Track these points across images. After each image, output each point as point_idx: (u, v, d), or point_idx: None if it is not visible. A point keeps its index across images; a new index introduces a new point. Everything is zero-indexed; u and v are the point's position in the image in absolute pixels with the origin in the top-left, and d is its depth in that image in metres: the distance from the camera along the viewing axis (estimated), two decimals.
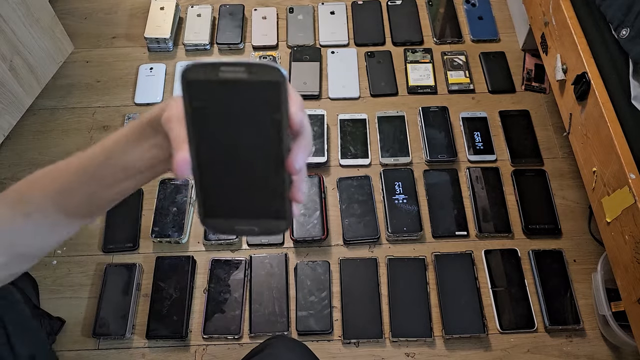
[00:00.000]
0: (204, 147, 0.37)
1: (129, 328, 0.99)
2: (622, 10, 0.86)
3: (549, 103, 1.25)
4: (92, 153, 0.45)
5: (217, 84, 0.35)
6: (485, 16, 1.39)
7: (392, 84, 1.29)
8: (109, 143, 0.44)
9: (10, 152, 1.20)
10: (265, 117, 0.36)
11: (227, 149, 0.37)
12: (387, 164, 1.17)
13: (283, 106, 0.36)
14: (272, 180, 0.38)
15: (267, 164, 0.38)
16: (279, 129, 0.36)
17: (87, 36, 1.39)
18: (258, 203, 0.39)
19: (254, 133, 0.37)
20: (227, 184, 0.39)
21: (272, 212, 0.39)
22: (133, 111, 1.26)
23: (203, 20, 1.38)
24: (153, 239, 1.08)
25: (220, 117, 0.36)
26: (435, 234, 1.09)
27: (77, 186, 0.46)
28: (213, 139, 0.37)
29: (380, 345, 0.98)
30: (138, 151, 0.43)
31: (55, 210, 0.47)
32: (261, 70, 0.35)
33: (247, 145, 0.37)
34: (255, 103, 0.36)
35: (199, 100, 0.36)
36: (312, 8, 1.41)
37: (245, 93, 0.36)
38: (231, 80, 0.35)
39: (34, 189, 0.47)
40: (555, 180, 1.15)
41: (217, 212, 0.40)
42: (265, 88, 0.35)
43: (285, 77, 0.35)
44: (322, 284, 1.03)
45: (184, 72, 0.35)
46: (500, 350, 0.98)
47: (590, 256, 1.06)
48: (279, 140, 0.37)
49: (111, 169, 0.44)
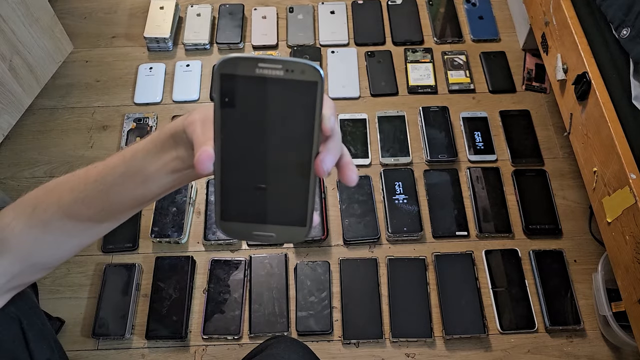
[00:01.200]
0: (230, 145, 0.36)
1: (129, 328, 0.99)
2: (622, 10, 0.86)
3: (550, 103, 1.25)
4: (111, 163, 0.44)
5: (252, 80, 0.34)
6: (485, 16, 1.39)
7: (393, 83, 1.29)
8: (129, 154, 0.43)
9: (10, 151, 1.20)
10: (298, 118, 0.35)
11: (254, 148, 0.36)
12: (387, 164, 1.17)
13: (318, 108, 0.34)
14: (298, 183, 0.37)
15: (295, 167, 0.36)
16: (311, 131, 0.35)
17: (86, 36, 1.38)
18: (280, 208, 0.38)
19: (284, 133, 0.35)
20: (249, 186, 0.37)
21: (294, 219, 0.38)
22: (132, 111, 1.25)
23: (203, 20, 1.38)
24: (152, 239, 1.07)
25: (252, 114, 0.35)
26: (435, 234, 1.09)
27: (96, 195, 0.45)
28: (241, 136, 0.36)
29: (380, 345, 0.98)
30: (158, 163, 0.42)
31: (72, 220, 0.46)
32: (299, 68, 0.33)
33: (275, 145, 0.36)
34: (289, 102, 0.34)
35: (232, 95, 0.34)
36: (312, 7, 1.41)
37: (280, 92, 0.34)
38: (268, 78, 0.34)
39: (51, 197, 0.46)
40: (555, 180, 1.15)
41: (236, 215, 0.38)
42: (301, 88, 0.34)
43: (322, 78, 0.34)
44: (322, 284, 1.03)
45: (220, 65, 0.34)
46: (500, 351, 0.98)
47: (591, 256, 1.06)
48: (310, 143, 0.35)
49: (131, 180, 0.43)
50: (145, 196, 0.45)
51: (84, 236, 0.49)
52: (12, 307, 0.54)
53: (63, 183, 0.47)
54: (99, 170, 0.45)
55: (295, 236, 0.39)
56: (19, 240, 0.47)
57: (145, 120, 1.23)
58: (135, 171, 0.43)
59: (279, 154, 0.36)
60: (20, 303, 0.56)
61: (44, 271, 0.52)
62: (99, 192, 0.45)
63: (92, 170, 0.45)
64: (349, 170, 0.38)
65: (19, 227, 0.47)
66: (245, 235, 0.39)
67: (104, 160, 0.45)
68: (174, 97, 1.27)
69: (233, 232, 0.39)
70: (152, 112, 1.25)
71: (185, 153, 0.41)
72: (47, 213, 0.46)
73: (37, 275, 0.52)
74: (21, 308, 0.57)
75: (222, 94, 0.34)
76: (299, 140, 0.35)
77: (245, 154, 0.36)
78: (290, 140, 0.35)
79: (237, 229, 0.39)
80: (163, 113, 1.25)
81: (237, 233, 0.39)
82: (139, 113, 1.24)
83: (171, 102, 1.27)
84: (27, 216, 0.47)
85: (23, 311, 0.57)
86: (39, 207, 0.46)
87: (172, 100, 1.27)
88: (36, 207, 0.46)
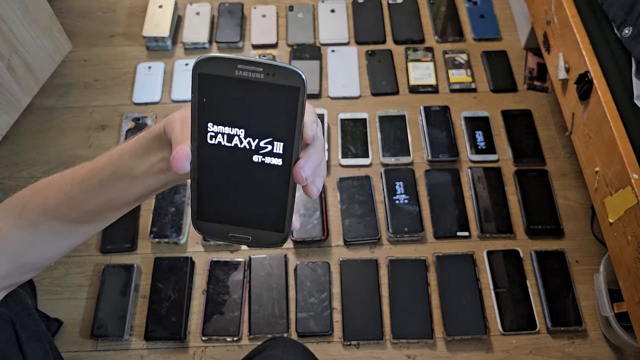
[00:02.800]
0: (206, 145, 0.35)
1: (127, 329, 0.98)
2: (624, 9, 0.85)
3: (551, 102, 1.24)
4: (99, 164, 0.44)
5: (231, 81, 0.33)
6: (486, 15, 1.38)
7: (393, 83, 1.28)
8: (116, 155, 0.43)
9: (8, 151, 1.19)
10: (277, 123, 0.34)
11: (231, 150, 0.35)
12: (388, 163, 1.16)
13: (299, 114, 0.34)
14: (276, 189, 0.36)
15: (273, 172, 0.35)
16: (291, 137, 0.34)
17: (85, 35, 1.38)
18: (257, 212, 0.37)
19: (263, 137, 0.35)
20: (226, 188, 0.37)
21: (270, 224, 0.38)
22: (131, 110, 1.25)
23: (202, 19, 1.37)
24: (151, 239, 1.07)
25: (229, 116, 0.34)
26: (436, 234, 1.08)
27: (84, 197, 0.45)
28: (218, 137, 0.35)
29: (380, 346, 0.98)
30: (145, 164, 0.42)
31: (60, 221, 0.46)
32: (281, 73, 0.33)
33: (254, 149, 0.35)
34: (269, 107, 0.34)
35: (209, 95, 0.34)
36: (312, 6, 1.40)
37: (260, 96, 0.33)
38: (247, 80, 0.33)
39: (39, 198, 0.46)
40: (557, 180, 1.14)
41: (211, 215, 0.38)
42: (283, 92, 0.33)
43: (305, 84, 0.33)
44: (322, 285, 1.02)
45: (197, 64, 0.33)
46: (501, 352, 0.97)
47: (593, 257, 1.06)
48: (290, 149, 0.35)
49: (118, 181, 0.43)
50: (132, 197, 0.45)
51: (73, 237, 0.48)
52: (4, 308, 0.54)
53: (50, 184, 0.46)
54: (87, 171, 0.44)
55: (272, 241, 0.38)
56: (6, 242, 0.47)
57: (144, 119, 1.22)
58: (123, 173, 0.43)
59: (257, 157, 0.35)
60: (12, 304, 0.56)
61: (34, 271, 0.51)
62: (85, 193, 0.44)
63: (79, 171, 0.45)
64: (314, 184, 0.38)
65: (6, 228, 0.46)
66: (220, 236, 0.39)
67: (92, 161, 0.45)
68: (172, 97, 1.27)
69: (209, 232, 0.39)
70: (151, 111, 1.24)
71: (170, 154, 0.41)
72: (34, 214, 0.46)
73: (27, 275, 0.51)
74: (13, 309, 0.56)
75: (200, 94, 0.34)
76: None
77: (223, 156, 0.35)
78: (269, 144, 0.35)
79: (212, 230, 0.38)
80: (162, 112, 1.25)
81: (212, 233, 0.39)
82: (137, 112, 1.24)
83: (170, 101, 1.27)
84: (15, 217, 0.46)
85: (15, 312, 0.57)
86: (27, 208, 0.46)
87: (171, 99, 1.27)
88: (24, 208, 0.46)
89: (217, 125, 0.35)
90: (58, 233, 0.47)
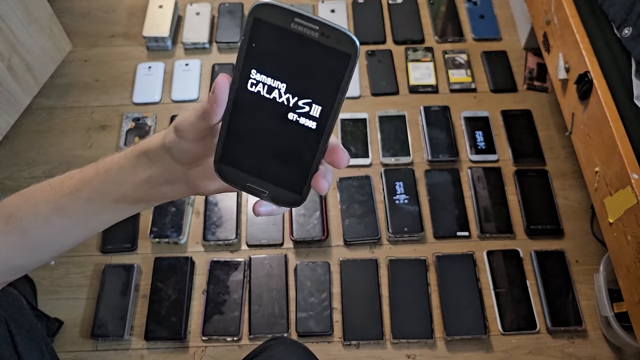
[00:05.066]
0: (245, 91, 0.35)
1: (127, 329, 0.98)
2: (624, 10, 0.85)
3: (551, 102, 1.24)
4: (86, 176, 0.44)
5: (284, 33, 0.32)
6: (486, 15, 1.39)
7: (393, 83, 1.28)
8: (103, 169, 0.43)
9: (8, 152, 1.19)
10: (321, 86, 0.33)
11: (269, 102, 0.35)
12: (387, 163, 1.16)
13: (344, 81, 0.33)
14: (303, 151, 0.35)
15: (305, 133, 0.35)
16: (331, 102, 0.34)
17: (85, 35, 1.38)
18: (280, 169, 0.37)
19: (304, 96, 0.34)
20: (254, 138, 0.36)
21: (290, 183, 0.37)
22: (131, 110, 1.25)
23: (202, 19, 1.37)
24: (151, 239, 1.07)
25: (275, 68, 0.34)
26: (436, 234, 1.08)
27: (72, 208, 0.44)
28: (258, 87, 0.34)
29: (380, 346, 0.98)
30: (132, 181, 0.42)
31: (49, 229, 0.45)
32: (335, 36, 0.32)
33: (291, 106, 0.35)
34: (316, 67, 0.33)
35: (260, 42, 0.33)
36: (312, 6, 1.40)
37: (310, 54, 0.33)
38: (300, 35, 0.32)
39: (28, 206, 0.45)
40: (557, 180, 1.14)
41: (234, 161, 0.37)
42: (332, 56, 0.32)
43: (358, 52, 0.32)
44: (322, 285, 1.02)
45: (254, 8, 0.33)
46: (501, 352, 0.97)
47: (593, 257, 1.06)
48: (326, 114, 0.34)
49: (106, 195, 0.43)
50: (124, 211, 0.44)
51: (64, 243, 0.48)
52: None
53: (40, 192, 0.46)
54: (74, 182, 0.44)
55: (288, 200, 0.38)
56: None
57: (144, 119, 1.22)
58: (110, 188, 0.42)
59: (293, 115, 0.35)
60: (6, 305, 0.56)
61: (24, 272, 0.51)
62: (74, 204, 0.44)
63: (67, 182, 0.44)
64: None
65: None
66: (238, 184, 0.38)
67: (80, 170, 0.44)
68: (172, 97, 1.27)
69: (228, 176, 0.38)
70: (151, 111, 1.24)
71: (160, 171, 0.41)
72: (23, 222, 0.45)
73: (17, 275, 0.51)
74: (7, 310, 0.56)
75: (251, 39, 0.33)
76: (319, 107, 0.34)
77: (259, 106, 0.35)
78: (308, 105, 0.34)
79: (232, 175, 0.38)
80: (162, 112, 1.25)
81: (231, 179, 0.38)
82: (137, 112, 1.24)
83: (170, 101, 1.27)
84: (3, 223, 0.46)
85: (9, 313, 0.56)
86: (15, 215, 0.45)
87: (171, 99, 1.27)
88: (12, 215, 0.45)
89: (260, 74, 0.34)
90: (48, 240, 0.47)
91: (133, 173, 0.42)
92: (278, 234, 1.08)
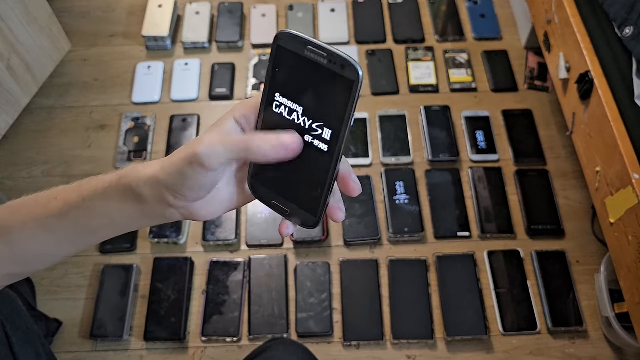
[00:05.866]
0: (272, 112, 0.38)
1: (127, 330, 0.98)
2: (625, 9, 0.85)
3: (552, 102, 1.24)
4: (71, 200, 0.42)
5: (300, 59, 0.36)
6: (487, 14, 1.38)
7: (393, 82, 1.28)
8: (87, 193, 0.42)
9: (8, 151, 1.19)
10: (330, 110, 0.36)
11: (290, 123, 0.38)
12: (388, 163, 1.16)
13: (349, 107, 0.35)
14: (317, 172, 0.38)
15: (318, 156, 0.37)
16: (339, 127, 0.36)
17: (84, 34, 1.37)
18: (299, 189, 0.39)
19: (317, 121, 0.37)
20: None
21: (307, 204, 0.39)
22: (131, 110, 1.25)
23: (202, 18, 1.37)
24: (151, 239, 1.07)
25: (293, 92, 0.37)
26: (437, 234, 1.08)
27: (60, 227, 0.43)
28: (281, 108, 0.38)
29: (381, 347, 0.97)
30: (122, 212, 0.41)
31: (38, 245, 0.44)
32: (340, 62, 0.34)
33: (306, 129, 0.37)
34: (325, 92, 0.36)
35: (281, 67, 0.37)
36: (312, 6, 1.40)
37: (320, 79, 0.36)
38: (312, 62, 0.35)
39: (15, 222, 0.44)
40: (558, 180, 1.14)
41: (263, 179, 0.40)
42: (339, 82, 0.35)
43: (359, 78, 0.34)
44: (322, 286, 1.02)
45: (277, 36, 0.36)
46: (502, 353, 0.97)
47: (594, 257, 1.05)
48: (335, 138, 0.36)
49: (92, 220, 0.42)
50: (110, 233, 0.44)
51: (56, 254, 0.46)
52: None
53: (26, 208, 0.44)
54: (60, 205, 0.43)
55: (305, 220, 0.40)
56: None
57: (144, 119, 1.22)
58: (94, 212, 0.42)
59: (309, 137, 0.37)
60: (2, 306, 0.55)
61: (21, 278, 0.50)
62: (61, 225, 0.43)
63: (53, 203, 0.43)
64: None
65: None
66: (265, 201, 0.41)
67: (64, 189, 0.43)
68: (172, 96, 1.26)
69: (258, 192, 0.41)
70: (151, 111, 1.24)
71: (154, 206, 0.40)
72: (11, 235, 0.44)
73: (14, 281, 0.50)
74: (3, 311, 0.56)
75: (275, 64, 0.37)
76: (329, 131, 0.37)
77: (282, 126, 0.38)
78: (320, 128, 0.37)
79: (261, 192, 0.41)
80: (161, 112, 1.24)
81: (260, 195, 0.41)
82: (137, 112, 1.23)
83: (169, 101, 1.26)
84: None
85: (5, 314, 0.56)
86: (3, 227, 0.44)
87: (170, 99, 1.26)
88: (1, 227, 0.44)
89: (282, 97, 0.37)
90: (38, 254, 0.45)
91: (122, 205, 0.41)
92: (278, 234, 1.08)
